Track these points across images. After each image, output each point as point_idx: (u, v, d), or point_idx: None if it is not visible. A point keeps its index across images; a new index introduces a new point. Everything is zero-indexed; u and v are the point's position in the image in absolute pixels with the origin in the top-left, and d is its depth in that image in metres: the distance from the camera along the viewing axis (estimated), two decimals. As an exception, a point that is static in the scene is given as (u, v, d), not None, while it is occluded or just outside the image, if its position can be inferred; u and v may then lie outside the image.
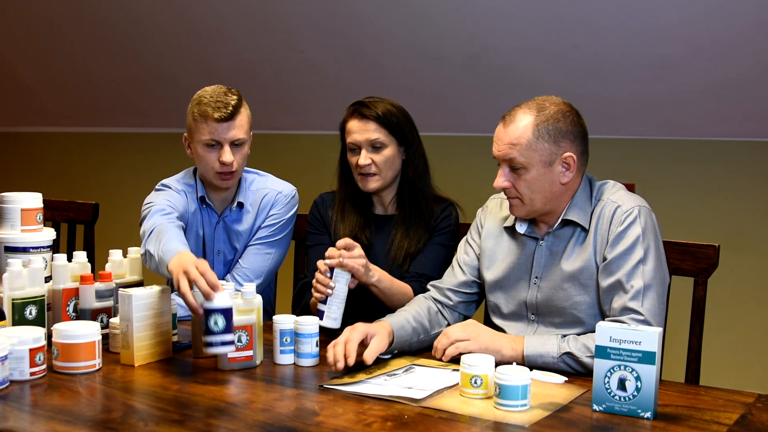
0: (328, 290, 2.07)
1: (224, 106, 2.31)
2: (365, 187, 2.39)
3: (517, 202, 2.01)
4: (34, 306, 2.04)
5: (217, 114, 2.30)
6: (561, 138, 1.95)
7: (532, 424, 1.58)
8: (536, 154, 1.94)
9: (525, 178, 1.96)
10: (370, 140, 2.34)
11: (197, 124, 2.34)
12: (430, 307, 2.16)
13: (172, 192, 2.44)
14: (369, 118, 2.35)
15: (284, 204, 2.51)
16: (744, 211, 3.49)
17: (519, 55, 3.50)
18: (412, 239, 2.38)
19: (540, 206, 2.00)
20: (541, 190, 1.97)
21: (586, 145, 2.02)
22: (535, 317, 2.07)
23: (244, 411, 1.69)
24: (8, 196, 2.22)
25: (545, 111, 1.96)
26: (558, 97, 2.02)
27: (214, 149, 2.35)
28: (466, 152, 3.83)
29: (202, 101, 2.34)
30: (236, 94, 2.37)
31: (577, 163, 1.98)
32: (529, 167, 1.95)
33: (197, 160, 2.41)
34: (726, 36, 3.15)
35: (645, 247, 1.92)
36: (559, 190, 1.99)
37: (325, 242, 2.42)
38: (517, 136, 1.95)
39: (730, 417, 1.63)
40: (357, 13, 3.65)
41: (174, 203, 2.38)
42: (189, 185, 2.48)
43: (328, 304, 2.07)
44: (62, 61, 4.68)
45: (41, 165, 5.35)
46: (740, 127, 3.44)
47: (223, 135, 2.33)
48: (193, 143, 2.38)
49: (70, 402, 1.73)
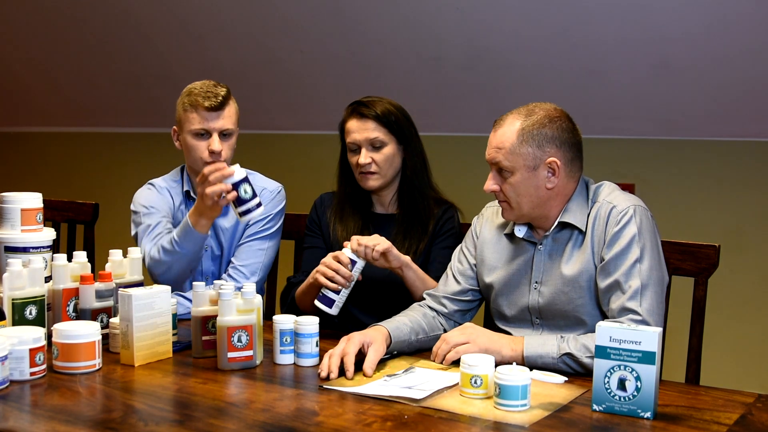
0: (346, 282, 2.13)
1: (214, 96, 2.39)
2: (366, 186, 2.40)
3: (506, 206, 2.04)
4: (34, 306, 2.04)
5: (208, 102, 2.38)
6: (546, 143, 1.96)
7: (532, 424, 1.58)
8: (520, 159, 1.96)
9: (510, 181, 1.98)
10: (370, 139, 2.35)
11: (187, 114, 2.41)
12: (426, 312, 2.17)
13: (155, 192, 2.54)
14: (368, 117, 2.35)
15: (270, 200, 2.54)
16: (744, 211, 3.50)
17: (519, 55, 3.50)
18: (413, 240, 2.39)
19: (527, 210, 2.01)
20: (526, 194, 1.98)
21: (577, 151, 2.01)
22: (539, 321, 2.07)
23: (244, 411, 1.69)
24: (8, 196, 2.22)
25: (533, 116, 1.97)
26: (552, 104, 2.02)
27: (203, 138, 2.42)
28: (466, 152, 3.83)
29: (192, 92, 2.42)
30: (225, 87, 2.45)
31: (563, 168, 1.98)
32: (514, 171, 1.97)
33: (186, 152, 2.46)
34: (726, 36, 3.15)
35: (641, 246, 1.92)
36: (545, 194, 1.99)
37: (319, 245, 2.45)
38: (503, 140, 1.97)
39: (730, 417, 1.63)
40: (357, 13, 3.65)
41: (157, 206, 2.50)
42: (175, 181, 2.58)
43: (342, 294, 2.15)
44: (62, 61, 4.69)
45: (41, 165, 5.35)
46: (740, 127, 3.44)
47: (212, 124, 2.40)
48: (183, 134, 2.45)
49: (70, 402, 1.73)
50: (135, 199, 2.55)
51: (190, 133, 2.41)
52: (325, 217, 2.48)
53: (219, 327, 1.93)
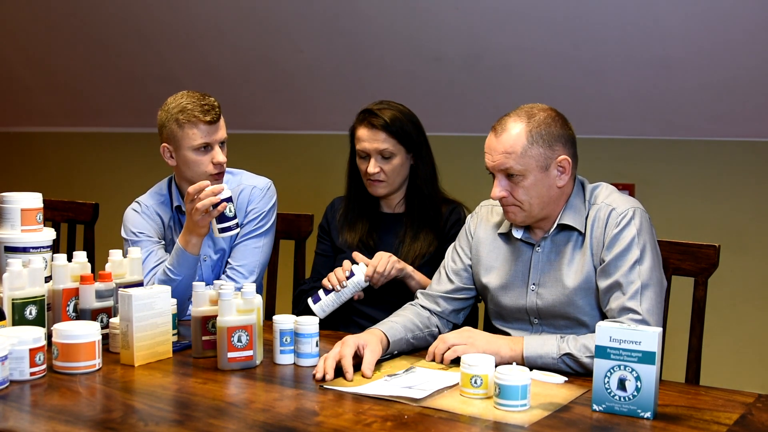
0: (337, 285, 2.27)
1: (211, 108, 2.39)
2: (374, 193, 2.45)
3: (516, 209, 2.01)
4: (34, 306, 2.04)
5: (208, 117, 2.37)
6: (554, 142, 1.96)
7: (532, 424, 1.58)
8: (532, 161, 1.95)
9: (523, 185, 1.97)
10: (380, 150, 2.38)
11: (185, 131, 2.38)
12: (419, 312, 2.17)
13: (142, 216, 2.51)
14: (378, 128, 2.37)
15: (261, 197, 2.53)
16: (744, 211, 3.49)
17: (519, 55, 3.50)
18: (423, 242, 2.42)
19: (537, 211, 2.01)
20: (539, 195, 1.98)
21: (576, 148, 2.03)
22: (538, 321, 2.07)
23: (244, 411, 1.69)
24: (8, 196, 2.22)
25: (535, 117, 1.97)
26: (543, 104, 2.02)
27: (206, 152, 2.40)
28: (466, 152, 3.82)
29: (186, 108, 2.38)
30: (211, 96, 2.44)
31: (572, 166, 1.99)
32: (527, 174, 1.96)
33: (186, 167, 2.43)
34: (726, 36, 3.15)
35: (641, 247, 1.93)
36: (556, 194, 2.00)
37: (328, 252, 2.53)
38: (512, 144, 1.95)
39: (730, 417, 1.63)
40: (357, 13, 3.65)
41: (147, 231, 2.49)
42: (162, 195, 2.56)
43: (330, 296, 2.26)
44: (62, 62, 4.68)
45: (41, 165, 5.35)
46: (740, 127, 3.44)
47: (213, 136, 2.40)
48: (181, 151, 2.41)
49: (70, 402, 1.73)
50: (124, 222, 2.52)
51: (192, 149, 2.39)
52: (334, 221, 2.53)
53: (219, 327, 1.93)
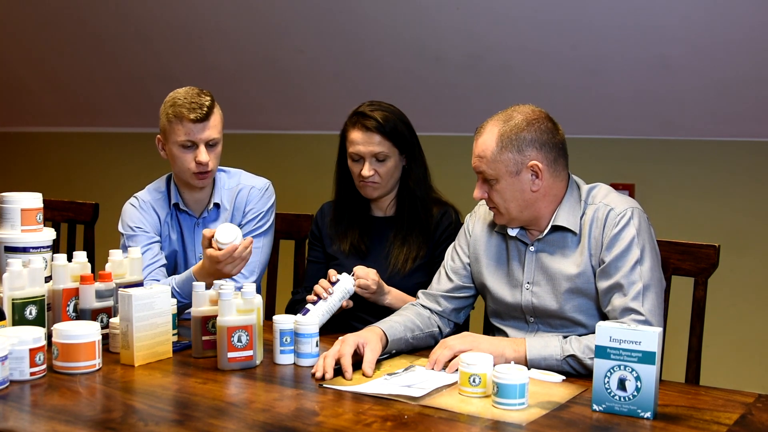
0: (323, 294, 2.17)
1: (199, 107, 2.36)
2: (367, 195, 2.43)
3: (496, 212, 2.04)
4: (34, 306, 2.04)
5: (193, 115, 2.35)
6: (525, 147, 1.96)
7: (530, 423, 1.58)
8: (502, 165, 1.96)
9: (496, 188, 1.99)
10: (375, 153, 2.36)
11: (172, 126, 2.38)
12: (420, 311, 2.17)
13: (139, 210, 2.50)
14: (372, 131, 2.35)
15: (260, 197, 2.53)
16: (744, 211, 3.49)
17: (519, 55, 3.50)
18: (412, 245, 2.40)
19: (516, 214, 2.01)
20: (513, 199, 1.99)
21: (560, 151, 2.00)
22: (534, 320, 2.07)
23: (244, 411, 1.69)
24: (8, 196, 2.22)
25: (511, 121, 1.97)
26: (531, 106, 2.01)
27: (190, 150, 2.40)
28: (466, 152, 3.80)
29: (177, 103, 2.38)
30: (209, 95, 2.42)
31: (546, 170, 1.97)
32: (498, 178, 1.98)
33: (172, 162, 2.45)
34: (726, 36, 3.15)
35: (641, 247, 1.93)
36: (531, 197, 1.99)
37: (320, 259, 2.50)
38: (483, 149, 1.98)
39: (730, 417, 1.63)
40: (357, 13, 3.65)
41: (143, 225, 2.47)
42: (160, 192, 2.54)
43: (317, 305, 2.16)
44: (62, 62, 4.68)
45: (41, 165, 5.35)
46: (740, 127, 3.44)
47: (198, 135, 2.38)
48: (168, 144, 2.42)
49: (70, 402, 1.73)
50: (121, 217, 2.52)
51: (176, 145, 2.39)
52: (325, 228, 2.51)
53: (219, 327, 1.93)
